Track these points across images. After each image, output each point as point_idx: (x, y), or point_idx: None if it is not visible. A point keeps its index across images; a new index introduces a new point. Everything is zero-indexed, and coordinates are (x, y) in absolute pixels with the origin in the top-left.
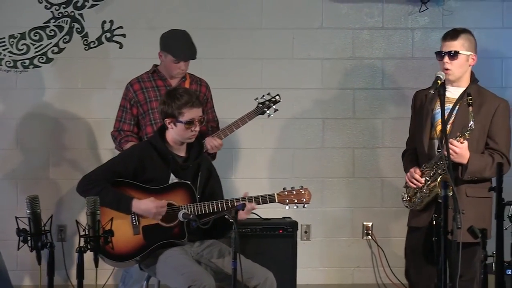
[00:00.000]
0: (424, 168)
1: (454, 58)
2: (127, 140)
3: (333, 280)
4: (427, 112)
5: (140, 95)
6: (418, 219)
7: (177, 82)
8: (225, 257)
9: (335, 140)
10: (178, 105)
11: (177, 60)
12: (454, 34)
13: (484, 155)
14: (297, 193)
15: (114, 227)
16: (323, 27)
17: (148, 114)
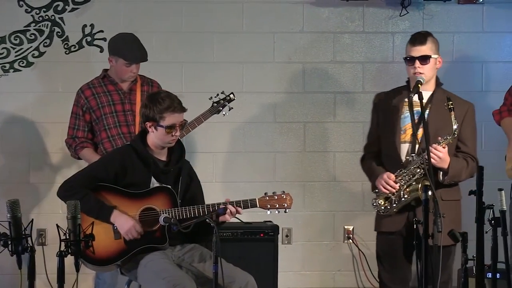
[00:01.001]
0: (399, 173)
1: (425, 63)
2: (82, 146)
3: (314, 284)
4: (396, 116)
5: (92, 101)
6: (390, 223)
7: (128, 85)
8: (206, 261)
9: (316, 144)
10: (160, 109)
11: (129, 63)
12: (423, 38)
13: (460, 159)
14: (279, 198)
15: (95, 231)
16: (304, 31)
17: (102, 119)
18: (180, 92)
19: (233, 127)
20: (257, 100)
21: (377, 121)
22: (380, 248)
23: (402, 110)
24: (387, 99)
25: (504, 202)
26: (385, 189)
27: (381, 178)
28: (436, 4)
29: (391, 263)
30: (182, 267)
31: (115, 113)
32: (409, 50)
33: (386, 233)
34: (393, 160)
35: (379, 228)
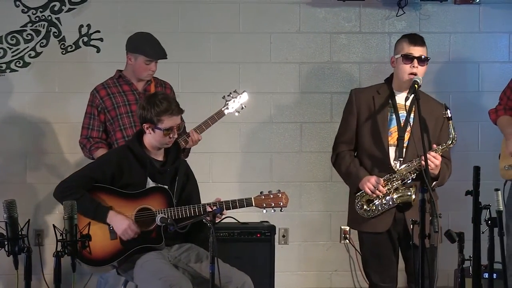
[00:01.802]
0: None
1: (423, 64)
2: (97, 147)
3: (311, 284)
4: (383, 118)
5: (107, 101)
6: (376, 224)
7: (143, 86)
8: (202, 261)
9: (312, 144)
10: (157, 112)
11: (149, 60)
12: (422, 40)
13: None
14: (274, 197)
15: (91, 232)
16: (300, 31)
17: (117, 119)
18: (177, 92)
19: (230, 127)
20: (253, 100)
21: (356, 119)
22: (367, 249)
23: (388, 112)
24: (368, 97)
25: (501, 202)
26: (373, 193)
27: (368, 182)
28: (432, 4)
29: (380, 263)
30: (179, 267)
31: (131, 113)
32: (407, 48)
33: (372, 233)
34: (381, 163)
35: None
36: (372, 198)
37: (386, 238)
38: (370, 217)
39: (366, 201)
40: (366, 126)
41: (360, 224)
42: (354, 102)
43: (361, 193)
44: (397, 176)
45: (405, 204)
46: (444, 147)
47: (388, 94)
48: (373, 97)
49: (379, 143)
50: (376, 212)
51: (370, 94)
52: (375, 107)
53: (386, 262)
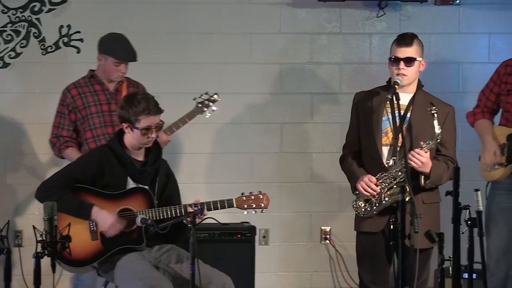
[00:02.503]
0: (381, 176)
1: (410, 65)
2: (66, 146)
3: (291, 284)
4: (378, 118)
5: (78, 101)
6: (371, 224)
7: (115, 86)
8: (183, 262)
9: (293, 145)
10: (135, 112)
11: (118, 62)
12: (409, 40)
13: (441, 162)
14: (256, 198)
15: (72, 232)
16: (281, 32)
17: (87, 119)
18: (157, 93)
19: (211, 128)
20: (234, 101)
21: (357, 121)
22: (361, 248)
23: (383, 112)
24: (368, 99)
25: (481, 202)
26: (366, 191)
27: (362, 181)
28: (413, 5)
29: (372, 263)
30: (159, 268)
31: (101, 113)
32: (394, 50)
33: (367, 233)
34: (375, 163)
35: (359, 228)
36: (369, 198)
37: (381, 238)
38: (367, 216)
39: (364, 201)
40: (364, 127)
41: (357, 224)
42: (355, 105)
43: (359, 193)
44: (388, 175)
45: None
46: (430, 144)
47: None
48: (371, 99)
49: (373, 143)
50: (372, 212)
51: (369, 96)
52: (372, 108)
53: (379, 263)
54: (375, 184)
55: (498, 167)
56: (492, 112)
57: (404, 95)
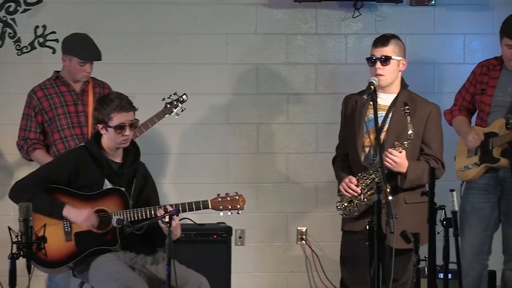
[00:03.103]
0: (360, 177)
1: (386, 64)
2: (34, 148)
3: (267, 285)
4: (360, 119)
5: (44, 102)
6: (354, 223)
7: (81, 86)
8: (159, 263)
9: (269, 145)
10: (107, 110)
11: (83, 62)
12: (385, 40)
13: (421, 162)
14: (231, 199)
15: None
16: (257, 33)
17: (55, 120)
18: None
19: (186, 129)
20: (210, 102)
21: (345, 124)
22: (344, 248)
23: (366, 113)
24: (354, 101)
25: (456, 203)
26: (346, 192)
27: (343, 182)
28: (388, 6)
29: (354, 263)
30: (135, 268)
31: (68, 114)
32: (371, 51)
33: (350, 232)
34: (357, 164)
35: (343, 227)
36: (352, 198)
37: (362, 239)
38: (349, 216)
39: (347, 202)
40: (348, 129)
41: (342, 224)
42: (343, 108)
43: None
44: (367, 176)
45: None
46: (404, 144)
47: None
48: (356, 101)
49: (354, 144)
50: (353, 212)
51: (355, 98)
52: (356, 110)
53: (360, 264)
54: (356, 185)
55: (472, 166)
56: (469, 112)
57: (387, 95)
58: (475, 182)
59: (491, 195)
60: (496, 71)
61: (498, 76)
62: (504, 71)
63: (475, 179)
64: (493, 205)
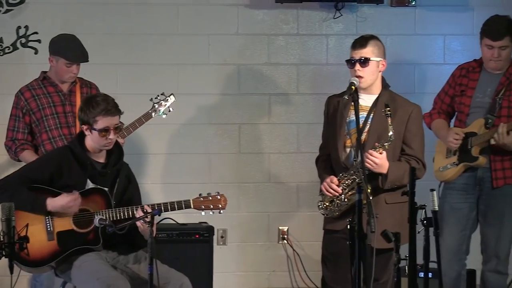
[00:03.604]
0: (341, 177)
1: (365, 65)
2: (22, 148)
3: (249, 284)
4: (341, 120)
5: (32, 103)
6: (335, 223)
7: (68, 87)
8: (141, 263)
9: (251, 146)
10: (93, 113)
11: (70, 63)
12: (363, 42)
13: (402, 163)
14: (213, 199)
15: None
16: (239, 33)
17: (42, 121)
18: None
19: (169, 129)
20: (192, 102)
21: (328, 124)
22: (325, 247)
23: (348, 114)
24: (335, 101)
25: (436, 202)
26: (327, 192)
27: (325, 182)
28: (369, 6)
29: (335, 262)
30: (117, 268)
31: (56, 115)
32: (351, 53)
33: (331, 231)
34: (338, 164)
35: (325, 226)
36: (333, 198)
37: (343, 238)
38: (331, 215)
39: (329, 201)
40: (330, 129)
41: (324, 223)
42: (326, 109)
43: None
44: (348, 176)
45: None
46: (384, 145)
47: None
48: (338, 102)
49: (335, 144)
50: (335, 212)
51: (337, 98)
52: (338, 111)
53: (341, 263)
54: (337, 185)
55: (450, 166)
56: (448, 115)
57: (368, 96)
58: (454, 182)
59: (470, 195)
60: (476, 73)
61: (477, 78)
62: (483, 73)
63: (453, 179)
64: (471, 205)
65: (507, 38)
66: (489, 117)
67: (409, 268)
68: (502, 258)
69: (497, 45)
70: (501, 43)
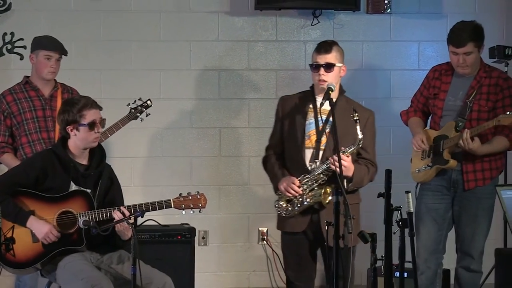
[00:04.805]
0: (303, 178)
1: (329, 70)
2: (2, 151)
3: (230, 284)
4: (301, 121)
5: (13, 107)
6: (294, 224)
7: (50, 92)
8: (124, 263)
9: (231, 149)
10: (78, 109)
11: (49, 54)
12: (328, 47)
13: (362, 166)
14: (193, 198)
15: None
16: (219, 40)
17: (23, 124)
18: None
19: (151, 133)
20: (174, 106)
21: (281, 124)
22: (285, 248)
23: (307, 116)
24: (292, 103)
25: (411, 204)
26: (288, 192)
27: (284, 182)
28: (345, 14)
29: (297, 261)
30: (101, 268)
31: (36, 119)
32: (315, 57)
33: (291, 233)
34: (297, 165)
35: (283, 228)
36: (291, 198)
37: (304, 238)
38: (288, 216)
39: (286, 201)
40: (287, 131)
41: (280, 224)
42: (279, 109)
43: (281, 193)
44: (311, 177)
45: (319, 205)
46: (352, 149)
47: (310, 100)
48: (295, 103)
49: (296, 145)
50: (293, 212)
51: (293, 100)
52: (296, 113)
53: (303, 261)
54: (297, 186)
55: (425, 168)
56: (424, 113)
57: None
58: (429, 184)
59: (445, 196)
60: (448, 76)
61: (449, 81)
62: (456, 76)
63: (428, 181)
64: (446, 206)
65: (471, 44)
66: (460, 120)
67: (385, 268)
68: (475, 257)
69: (461, 52)
70: (465, 50)
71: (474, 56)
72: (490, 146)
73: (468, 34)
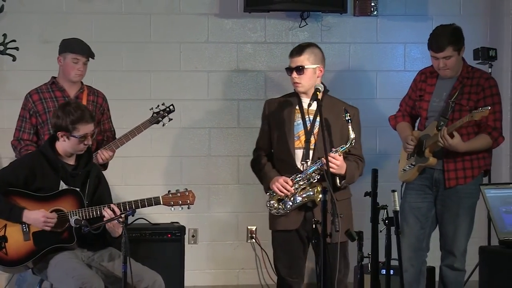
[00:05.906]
0: (295, 177)
1: (301, 73)
2: (26, 149)
3: (219, 281)
4: (289, 122)
5: (39, 106)
6: (286, 222)
7: (75, 93)
8: (115, 261)
9: (220, 149)
10: (72, 120)
11: (76, 57)
12: (299, 50)
13: (352, 162)
14: (182, 195)
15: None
16: (209, 41)
17: (47, 123)
18: None
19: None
20: None
21: (269, 127)
22: (278, 246)
23: (294, 117)
24: (279, 105)
25: (397, 203)
26: (281, 192)
27: (277, 182)
28: (333, 16)
29: (289, 258)
30: (92, 266)
31: None
32: (289, 61)
33: (284, 231)
34: (288, 166)
35: (275, 227)
36: (282, 197)
37: (296, 236)
38: (280, 215)
39: (277, 200)
40: (275, 132)
41: (272, 223)
42: (266, 111)
43: (272, 192)
44: (303, 176)
45: (312, 202)
46: (344, 148)
47: (296, 101)
48: (281, 105)
49: (285, 146)
50: (285, 211)
51: (279, 102)
52: (283, 114)
53: (295, 258)
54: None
55: (409, 168)
56: (411, 117)
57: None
58: (413, 183)
59: (427, 195)
60: (433, 78)
61: (434, 83)
62: (440, 78)
63: (412, 180)
64: (429, 205)
65: (449, 48)
66: (442, 120)
67: (372, 265)
68: (458, 255)
69: (441, 56)
70: (444, 54)
71: (454, 59)
72: (471, 143)
73: (447, 39)
